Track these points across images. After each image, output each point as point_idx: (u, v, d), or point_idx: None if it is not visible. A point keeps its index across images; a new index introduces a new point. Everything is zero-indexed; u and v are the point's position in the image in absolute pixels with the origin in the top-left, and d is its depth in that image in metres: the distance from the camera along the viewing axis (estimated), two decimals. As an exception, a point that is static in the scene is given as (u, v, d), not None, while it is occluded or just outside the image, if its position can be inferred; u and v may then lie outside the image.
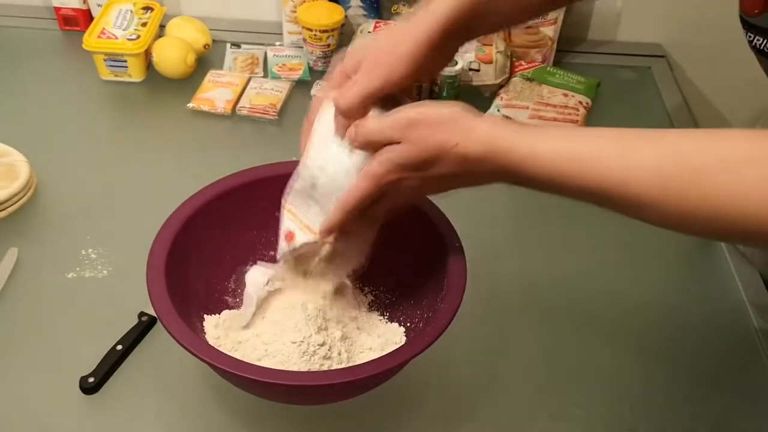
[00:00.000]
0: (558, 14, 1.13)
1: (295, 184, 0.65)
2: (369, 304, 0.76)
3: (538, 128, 0.56)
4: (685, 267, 0.90)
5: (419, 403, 0.73)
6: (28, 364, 0.74)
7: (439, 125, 0.55)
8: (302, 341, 0.65)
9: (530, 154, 0.53)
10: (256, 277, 0.70)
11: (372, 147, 0.59)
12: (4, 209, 0.87)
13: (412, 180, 0.58)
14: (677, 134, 0.52)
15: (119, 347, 0.74)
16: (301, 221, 0.65)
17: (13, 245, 0.84)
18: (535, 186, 0.55)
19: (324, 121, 0.62)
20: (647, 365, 0.77)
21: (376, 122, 0.58)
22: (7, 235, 0.86)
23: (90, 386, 0.70)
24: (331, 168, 0.61)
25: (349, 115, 0.59)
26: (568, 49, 1.23)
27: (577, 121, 1.06)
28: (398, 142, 0.57)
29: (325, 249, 0.66)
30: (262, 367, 0.61)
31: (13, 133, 0.97)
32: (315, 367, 0.65)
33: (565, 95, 1.10)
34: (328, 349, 0.66)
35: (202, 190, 0.74)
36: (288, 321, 0.67)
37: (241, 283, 0.77)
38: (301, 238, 0.65)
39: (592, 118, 1.08)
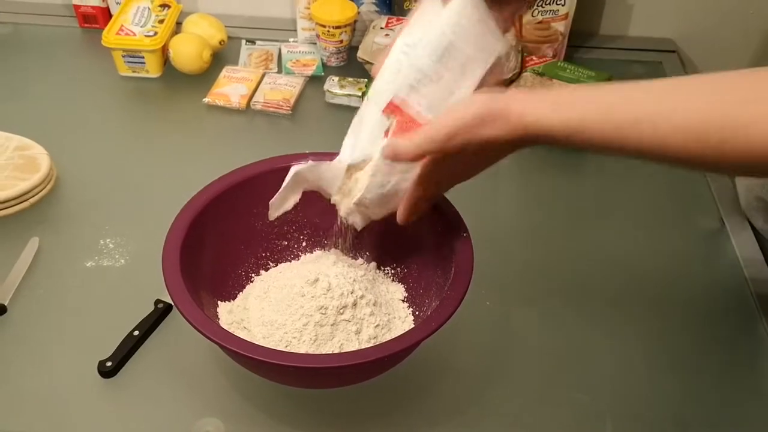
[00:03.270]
0: (569, 9, 1.14)
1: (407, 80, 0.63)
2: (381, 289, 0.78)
3: (575, 97, 0.56)
4: (691, 252, 0.91)
5: (426, 390, 0.74)
6: (49, 349, 0.76)
7: (472, 127, 0.57)
8: (311, 323, 0.67)
9: (569, 131, 0.54)
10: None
11: (414, 160, 0.61)
12: (25, 200, 0.90)
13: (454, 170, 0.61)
14: (701, 82, 0.52)
15: (136, 333, 0.76)
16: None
17: (35, 235, 0.87)
18: (580, 149, 0.57)
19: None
20: (653, 349, 0.78)
21: (418, 137, 0.60)
22: (28, 225, 0.89)
23: (108, 370, 0.73)
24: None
25: None
26: (580, 44, 1.24)
27: (587, 115, 1.07)
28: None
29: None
30: (271, 350, 0.63)
31: (34, 127, 0.99)
32: (324, 342, 0.67)
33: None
34: (337, 328, 0.68)
35: (216, 181, 0.76)
36: (299, 301, 0.69)
37: (248, 269, 0.79)
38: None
39: (603, 113, 1.09)
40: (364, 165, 0.66)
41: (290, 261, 0.81)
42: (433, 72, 0.62)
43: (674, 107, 0.51)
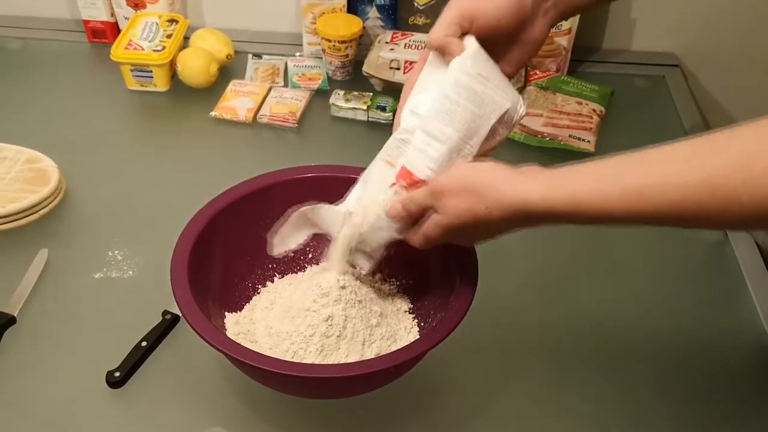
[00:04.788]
0: (572, 24, 1.15)
1: (400, 136, 0.66)
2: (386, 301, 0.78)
3: (572, 173, 0.55)
4: (695, 265, 0.91)
5: (431, 400, 0.74)
6: (58, 359, 0.77)
7: (469, 193, 0.58)
8: (317, 334, 0.68)
9: (571, 208, 0.53)
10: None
11: (412, 216, 0.63)
12: (35, 212, 0.91)
13: (454, 239, 0.63)
14: (706, 142, 0.50)
15: (144, 344, 0.76)
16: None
17: (44, 247, 0.88)
18: (584, 224, 0.55)
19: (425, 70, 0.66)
20: (658, 362, 0.78)
21: (411, 194, 0.63)
22: (37, 237, 0.90)
23: (116, 380, 0.73)
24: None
25: (441, 48, 0.63)
26: (583, 58, 1.25)
27: (591, 128, 1.08)
28: (437, 210, 0.61)
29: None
30: (278, 360, 0.64)
31: (44, 140, 1.01)
32: (330, 353, 0.68)
33: (579, 103, 1.12)
34: (343, 338, 0.68)
35: (223, 193, 0.77)
36: (305, 312, 0.70)
37: (255, 281, 0.80)
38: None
39: (606, 127, 1.10)
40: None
41: (296, 272, 0.82)
42: (440, 133, 0.63)
43: (680, 168, 0.50)
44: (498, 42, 0.66)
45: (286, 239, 0.71)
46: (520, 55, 0.69)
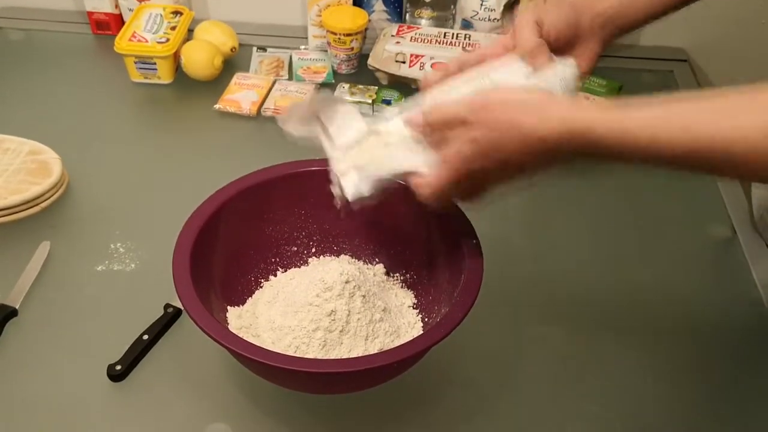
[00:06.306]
0: (580, 18, 1.14)
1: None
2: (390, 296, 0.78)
3: (622, 103, 0.54)
4: (702, 261, 0.91)
5: (434, 397, 0.74)
6: (59, 352, 0.77)
7: (513, 106, 0.56)
8: (320, 328, 0.67)
9: (613, 131, 0.52)
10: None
11: (447, 126, 0.59)
12: (37, 204, 0.90)
13: (489, 165, 0.57)
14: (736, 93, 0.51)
15: (145, 337, 0.76)
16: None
17: (46, 239, 0.87)
18: (620, 162, 0.54)
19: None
20: (664, 361, 0.78)
21: (451, 104, 0.59)
22: (39, 229, 0.89)
23: (117, 374, 0.73)
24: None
25: (536, 50, 0.63)
26: (590, 53, 1.24)
27: (598, 123, 1.07)
28: (471, 124, 0.57)
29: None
30: (280, 354, 0.63)
31: (47, 132, 1.00)
32: (333, 348, 0.68)
33: (587, 98, 1.11)
34: (346, 333, 0.68)
35: (226, 186, 0.76)
36: (308, 307, 0.69)
37: (257, 275, 0.79)
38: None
39: (613, 121, 1.09)
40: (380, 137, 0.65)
41: (299, 267, 0.81)
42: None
43: (706, 107, 0.51)
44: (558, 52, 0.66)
45: (290, 122, 0.69)
46: (591, 51, 0.70)
